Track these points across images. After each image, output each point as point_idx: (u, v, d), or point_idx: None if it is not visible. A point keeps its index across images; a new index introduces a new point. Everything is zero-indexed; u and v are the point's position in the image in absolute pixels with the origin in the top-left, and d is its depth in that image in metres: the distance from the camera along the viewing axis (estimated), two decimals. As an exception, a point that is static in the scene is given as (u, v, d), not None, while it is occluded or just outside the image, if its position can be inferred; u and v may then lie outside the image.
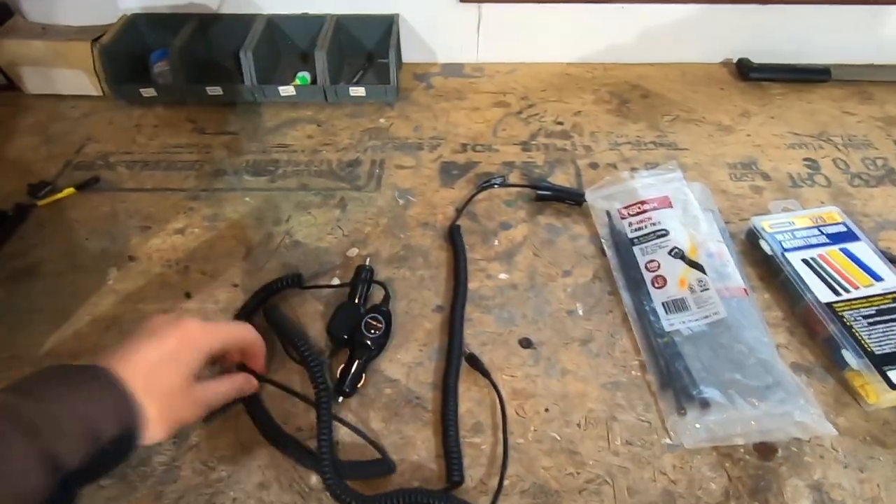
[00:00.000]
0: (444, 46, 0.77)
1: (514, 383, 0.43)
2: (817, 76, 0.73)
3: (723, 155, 0.63)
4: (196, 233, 0.55)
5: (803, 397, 0.40)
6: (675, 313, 0.45)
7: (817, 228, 0.51)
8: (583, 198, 0.56)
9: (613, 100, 0.72)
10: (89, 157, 0.63)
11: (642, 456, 0.39)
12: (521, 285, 0.50)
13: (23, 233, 0.54)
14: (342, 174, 0.61)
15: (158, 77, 0.70)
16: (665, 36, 0.76)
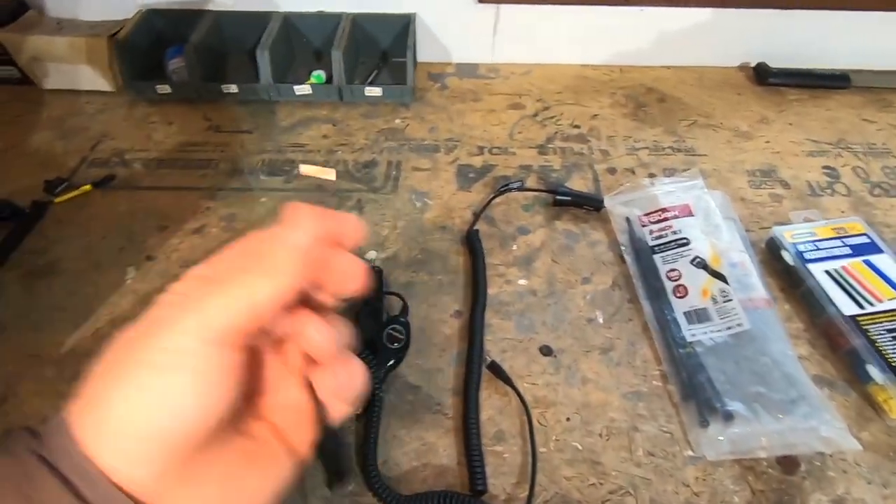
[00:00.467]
0: (460, 46, 0.76)
1: (535, 391, 0.43)
2: (837, 82, 0.72)
3: (742, 162, 0.63)
4: (213, 233, 0.54)
5: (828, 412, 0.39)
6: (696, 324, 0.45)
7: (840, 239, 0.50)
8: (602, 204, 0.55)
9: (630, 103, 0.71)
10: (105, 153, 0.63)
11: (665, 467, 0.39)
12: (540, 291, 0.50)
13: (41, 229, 0.54)
14: (358, 175, 0.61)
15: (173, 74, 0.70)
16: (682, 39, 0.75)
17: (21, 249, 0.52)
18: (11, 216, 0.54)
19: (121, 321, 0.47)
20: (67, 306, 0.48)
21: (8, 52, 0.68)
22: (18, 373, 0.43)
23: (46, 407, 0.41)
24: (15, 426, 0.20)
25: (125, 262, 0.52)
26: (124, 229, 0.55)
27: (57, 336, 0.46)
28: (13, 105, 0.69)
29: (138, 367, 0.19)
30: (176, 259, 0.52)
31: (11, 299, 0.48)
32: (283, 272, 0.19)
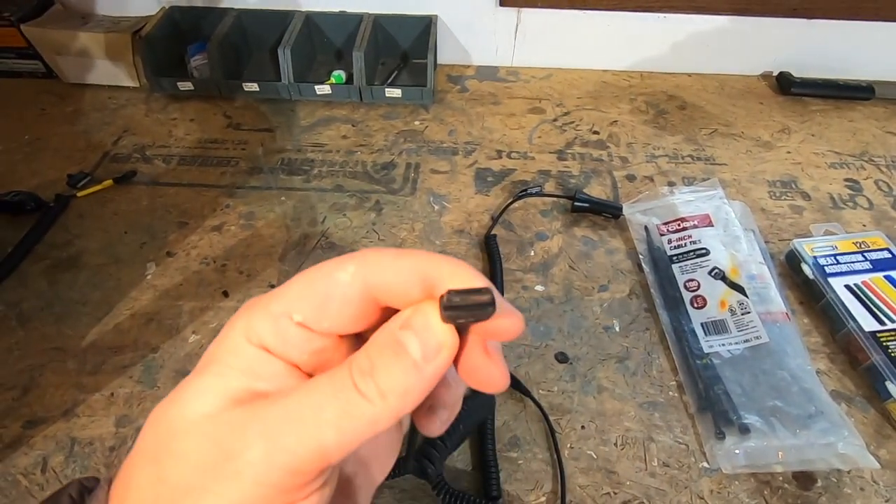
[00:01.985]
0: (480, 49, 0.76)
1: (551, 398, 0.43)
2: (860, 94, 0.72)
3: (762, 172, 0.62)
4: (233, 230, 0.55)
5: (846, 428, 0.39)
6: (714, 335, 0.45)
7: (861, 254, 0.50)
8: (620, 211, 0.55)
9: (650, 110, 0.71)
10: (126, 149, 0.64)
11: (679, 479, 0.39)
12: (557, 298, 0.50)
13: (64, 223, 0.55)
14: (377, 176, 0.61)
15: (195, 71, 0.70)
16: (704, 46, 0.75)
17: (45, 242, 0.53)
18: (36, 209, 0.55)
19: (141, 316, 0.48)
20: (89, 300, 0.49)
21: (33, 46, 0.69)
22: (41, 364, 0.44)
23: (67, 399, 0.42)
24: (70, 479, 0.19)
25: (145, 257, 0.52)
26: (145, 225, 0.55)
27: (79, 329, 0.46)
28: (38, 98, 0.70)
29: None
30: (195, 256, 0.52)
31: (35, 291, 0.49)
32: (393, 397, 0.14)
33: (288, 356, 0.16)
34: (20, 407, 0.42)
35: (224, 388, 0.15)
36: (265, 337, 0.15)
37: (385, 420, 0.14)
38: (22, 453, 0.39)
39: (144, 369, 0.44)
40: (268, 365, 0.16)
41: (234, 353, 0.16)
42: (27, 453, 0.39)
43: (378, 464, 0.19)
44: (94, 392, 0.43)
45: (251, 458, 0.14)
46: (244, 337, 0.16)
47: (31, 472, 0.38)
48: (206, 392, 0.15)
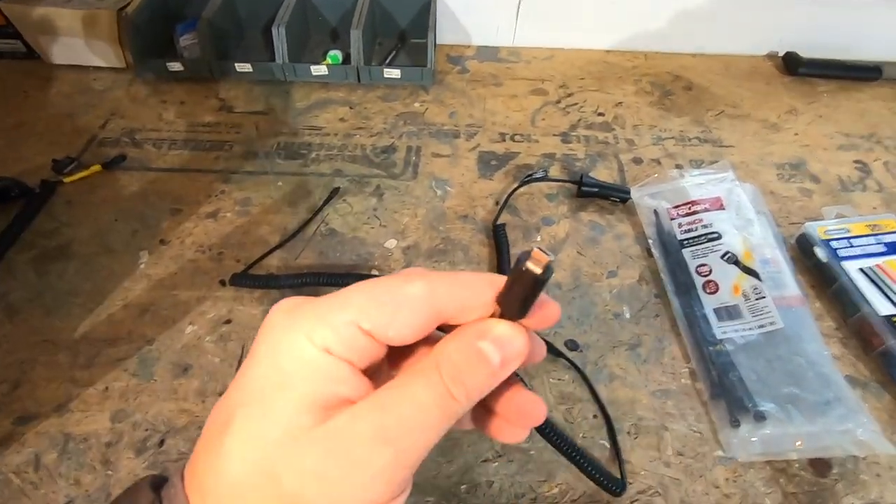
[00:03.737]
0: (481, 29, 0.74)
1: (562, 387, 0.42)
2: (868, 74, 0.70)
3: (770, 154, 0.61)
4: (228, 217, 0.53)
5: (864, 414, 0.39)
6: (727, 321, 0.44)
7: (874, 237, 0.49)
8: (628, 195, 0.54)
9: (655, 91, 0.69)
10: (114, 132, 0.61)
11: (694, 468, 0.38)
12: (565, 285, 0.49)
13: (50, 210, 0.53)
14: (377, 161, 0.59)
15: (185, 50, 0.67)
16: (709, 26, 0.73)
17: (31, 231, 0.51)
18: (21, 195, 0.52)
19: (135, 307, 0.46)
20: (80, 290, 0.46)
21: (12, 24, 0.65)
22: (31, 358, 0.42)
23: (59, 393, 0.40)
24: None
25: (138, 245, 0.50)
26: (136, 212, 0.53)
27: (70, 321, 0.44)
28: (19, 80, 0.67)
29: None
30: (190, 244, 0.50)
31: (23, 282, 0.47)
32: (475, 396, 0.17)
33: (350, 358, 0.17)
34: (10, 403, 0.40)
35: (314, 399, 0.16)
36: (330, 343, 0.16)
37: (463, 414, 0.17)
38: (14, 451, 0.38)
39: (140, 362, 0.42)
40: (338, 369, 0.17)
41: (308, 362, 0.16)
42: (19, 451, 0.38)
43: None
44: (87, 386, 0.41)
45: (383, 464, 0.15)
46: (311, 345, 0.16)
47: (24, 471, 0.37)
48: (299, 405, 0.16)
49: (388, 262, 0.49)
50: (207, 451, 0.16)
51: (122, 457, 0.37)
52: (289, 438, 0.15)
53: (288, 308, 0.17)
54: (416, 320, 0.17)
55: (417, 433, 0.16)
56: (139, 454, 0.38)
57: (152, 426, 0.39)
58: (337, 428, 0.15)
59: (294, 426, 0.15)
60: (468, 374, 0.17)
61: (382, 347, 0.18)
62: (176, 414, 0.40)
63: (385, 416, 0.16)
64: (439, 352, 0.17)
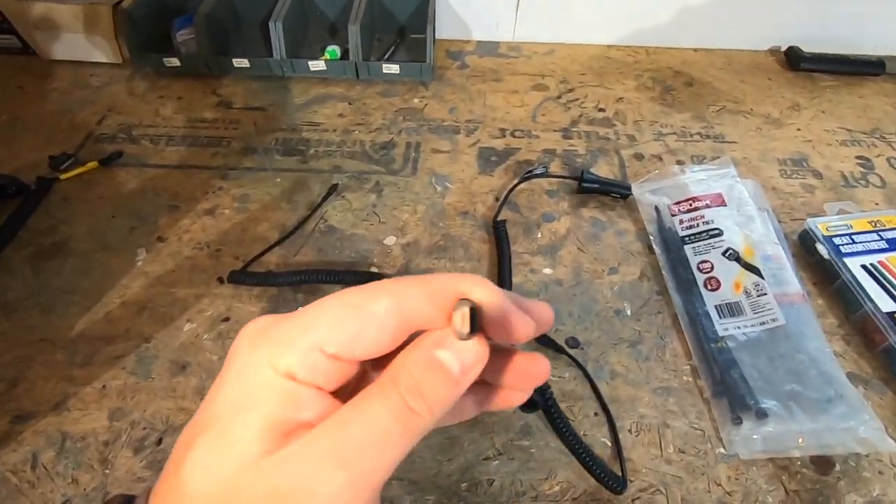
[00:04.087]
0: (480, 23, 0.73)
1: (563, 385, 0.42)
2: (871, 69, 0.70)
3: (772, 150, 0.61)
4: (227, 214, 0.52)
5: (867, 412, 0.38)
6: (729, 318, 0.44)
7: (876, 233, 0.49)
8: (629, 191, 0.53)
9: (657, 87, 0.69)
10: (111, 129, 0.60)
11: (696, 465, 0.38)
12: (566, 281, 0.48)
13: (47, 207, 0.52)
14: (376, 157, 0.58)
15: (182, 46, 0.67)
16: (710, 20, 0.72)
17: (27, 228, 0.50)
18: (17, 193, 0.52)
19: (132, 305, 0.45)
20: (77, 288, 0.46)
21: (7, 19, 0.65)
22: (28, 357, 0.42)
23: (57, 392, 0.40)
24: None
25: (135, 242, 0.50)
26: (133, 209, 0.53)
27: (67, 319, 0.44)
28: (15, 76, 0.66)
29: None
30: (188, 241, 0.50)
31: (19, 280, 0.46)
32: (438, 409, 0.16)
33: (315, 383, 0.16)
34: (7, 401, 0.40)
35: (271, 425, 0.15)
36: (295, 369, 0.16)
37: (431, 427, 0.16)
38: (11, 449, 0.37)
39: (138, 360, 0.42)
40: (301, 394, 0.16)
41: (268, 387, 0.16)
42: (16, 449, 0.37)
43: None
44: (85, 384, 0.41)
45: (336, 489, 0.15)
46: (273, 371, 0.16)
47: (21, 469, 0.36)
48: (256, 432, 0.15)
49: (388, 259, 0.49)
50: (169, 476, 0.16)
51: (121, 455, 0.37)
52: (245, 465, 0.15)
53: (255, 330, 0.17)
54: (383, 337, 0.17)
55: (376, 453, 0.15)
56: (137, 453, 0.37)
57: (150, 425, 0.39)
58: (291, 453, 0.15)
59: (251, 452, 0.15)
60: (428, 386, 0.16)
61: (355, 365, 0.17)
62: (174, 412, 0.39)
63: (340, 436, 0.15)
64: (397, 365, 0.16)
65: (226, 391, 0.16)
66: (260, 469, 0.15)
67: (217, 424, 0.16)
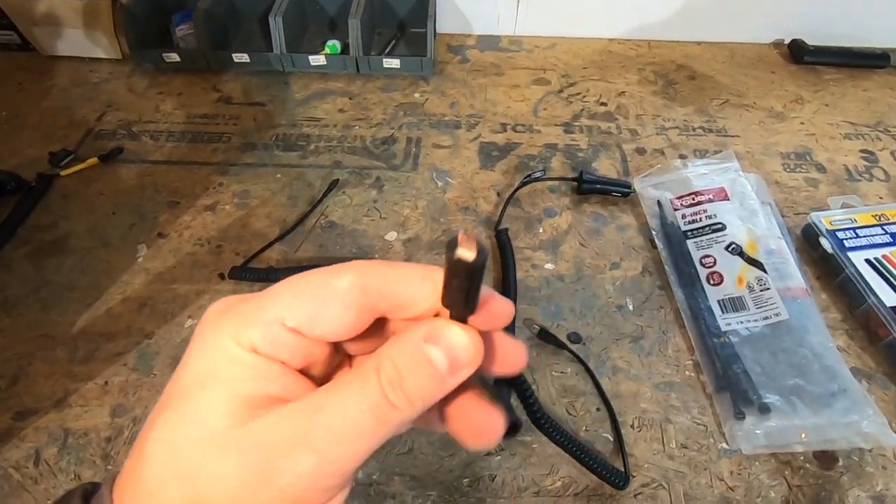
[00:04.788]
0: (481, 17, 0.73)
1: (564, 380, 0.42)
2: (875, 62, 0.69)
3: (775, 144, 0.60)
4: (227, 210, 0.52)
5: (870, 406, 0.38)
6: (731, 312, 0.44)
7: (881, 227, 0.48)
8: (630, 189, 0.53)
9: (659, 80, 0.68)
10: (111, 125, 0.60)
11: (698, 460, 0.38)
12: (567, 277, 0.48)
13: (47, 204, 0.52)
14: (377, 152, 0.58)
15: (181, 41, 0.67)
16: (713, 13, 0.72)
17: (27, 225, 0.50)
18: (17, 189, 0.52)
19: (133, 301, 0.45)
20: (77, 285, 0.46)
21: (7, 15, 0.64)
22: (29, 353, 0.42)
23: (58, 388, 0.40)
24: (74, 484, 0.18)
25: (136, 239, 0.50)
26: (134, 205, 0.52)
27: (67, 315, 0.44)
28: (14, 72, 0.66)
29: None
30: (188, 237, 0.50)
31: (20, 277, 0.46)
32: (420, 403, 0.15)
33: (278, 357, 0.16)
34: (9, 398, 0.40)
35: (238, 398, 0.15)
36: (257, 342, 0.16)
37: (410, 421, 0.16)
38: (13, 446, 0.37)
39: (139, 356, 0.42)
40: (266, 368, 0.16)
41: (233, 361, 0.15)
42: (18, 446, 0.37)
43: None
44: (86, 381, 0.41)
45: (302, 471, 0.14)
46: (236, 345, 0.16)
47: (24, 466, 0.37)
48: (221, 404, 0.15)
49: (389, 255, 0.49)
50: (134, 455, 0.15)
51: (123, 452, 0.37)
52: (207, 440, 0.14)
53: (219, 309, 0.17)
54: (346, 315, 0.16)
55: (347, 440, 0.14)
56: (139, 449, 0.37)
57: (152, 421, 0.39)
58: (257, 430, 0.14)
59: (213, 427, 0.14)
60: (410, 380, 0.15)
61: (322, 345, 0.17)
62: (176, 408, 0.39)
63: (312, 419, 0.14)
64: (382, 352, 0.16)
65: (189, 367, 0.16)
66: (225, 441, 0.14)
67: (180, 400, 0.15)
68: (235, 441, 0.14)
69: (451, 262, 0.14)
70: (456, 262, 0.14)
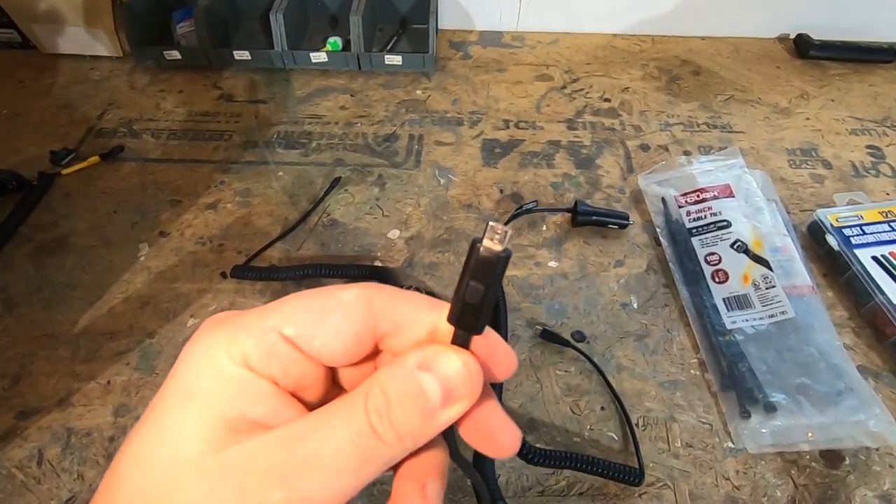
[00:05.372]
0: (483, 13, 0.72)
1: (568, 379, 0.41)
2: (881, 57, 0.69)
3: (781, 140, 0.60)
4: (229, 208, 0.52)
5: (877, 405, 0.38)
6: (737, 310, 0.43)
7: (888, 223, 0.48)
8: (629, 221, 0.50)
9: (663, 76, 0.68)
10: (112, 123, 0.60)
11: (704, 460, 0.38)
12: (571, 275, 0.48)
13: (48, 203, 0.52)
14: (379, 149, 0.58)
15: (182, 39, 0.66)
16: (717, 8, 0.71)
17: (29, 224, 0.50)
18: (18, 188, 0.52)
19: (135, 300, 0.45)
20: (79, 284, 0.46)
21: (7, 13, 0.64)
22: (31, 352, 0.42)
23: (61, 388, 0.40)
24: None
25: (137, 237, 0.50)
26: (135, 203, 0.52)
27: (70, 314, 0.44)
28: (15, 70, 0.66)
29: None
30: (190, 235, 0.50)
31: (22, 276, 0.46)
32: (410, 440, 0.14)
33: (270, 373, 0.15)
34: (12, 397, 0.40)
35: (217, 420, 0.14)
36: (250, 353, 0.14)
37: (399, 458, 0.14)
38: (16, 445, 0.37)
39: (141, 355, 0.42)
40: (255, 386, 0.14)
41: (218, 377, 0.14)
42: (21, 445, 0.37)
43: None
44: (89, 380, 0.40)
45: (267, 498, 0.13)
46: (227, 357, 0.14)
47: (27, 466, 0.36)
48: (199, 425, 0.14)
49: (391, 253, 0.49)
50: (107, 475, 0.14)
51: (125, 451, 0.37)
52: (180, 465, 0.13)
53: (215, 319, 0.15)
54: (347, 328, 0.15)
55: (325, 477, 0.13)
56: (142, 448, 0.37)
57: (155, 420, 0.39)
58: (233, 458, 0.13)
59: (189, 451, 0.13)
60: (400, 412, 0.14)
61: (317, 366, 0.15)
62: (178, 408, 0.39)
63: (289, 450, 0.13)
64: (372, 378, 0.14)
65: (174, 380, 0.15)
66: (199, 468, 0.13)
67: (158, 416, 0.14)
68: (209, 469, 0.13)
69: (474, 254, 0.13)
70: (479, 253, 0.13)
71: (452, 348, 0.15)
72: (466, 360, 0.14)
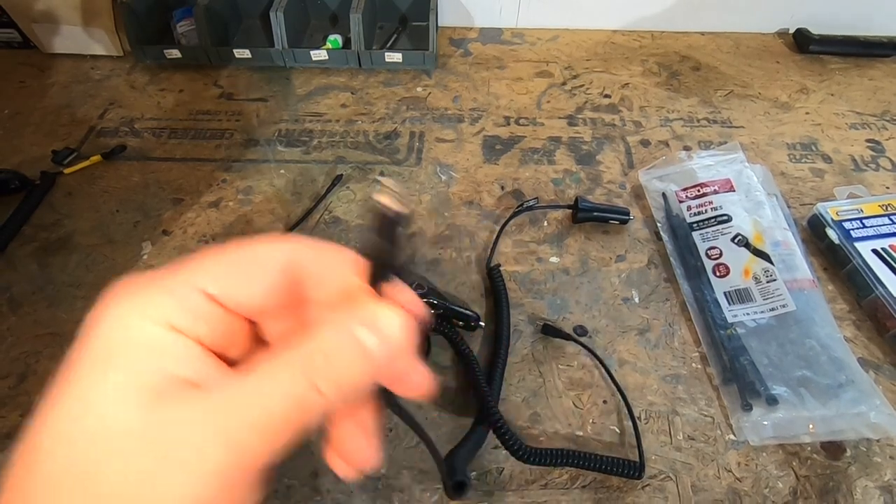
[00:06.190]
0: (483, 10, 0.72)
1: (571, 373, 0.42)
2: (881, 51, 0.69)
3: (781, 134, 0.60)
4: (231, 206, 0.52)
5: (878, 397, 0.38)
6: (738, 304, 0.43)
7: (888, 217, 0.48)
8: (629, 217, 0.50)
9: (663, 72, 0.68)
10: (113, 122, 0.60)
11: (706, 452, 0.38)
12: (573, 270, 0.48)
13: (51, 202, 0.52)
14: (380, 147, 0.58)
15: (182, 37, 0.66)
16: (717, 3, 0.71)
17: (32, 223, 0.50)
18: (21, 188, 0.52)
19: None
20: (82, 283, 0.46)
21: (7, 13, 0.64)
22: (36, 351, 0.42)
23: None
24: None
25: (140, 236, 0.50)
26: (137, 202, 0.52)
27: (73, 313, 0.44)
28: (16, 70, 0.66)
29: None
30: (192, 234, 0.50)
31: (25, 275, 0.47)
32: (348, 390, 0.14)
33: (196, 334, 0.14)
34: (17, 395, 0.40)
35: (143, 384, 0.13)
36: (173, 316, 0.14)
37: (336, 408, 0.15)
38: (22, 443, 0.38)
39: (146, 353, 0.42)
40: (179, 347, 0.14)
41: (138, 341, 0.14)
42: (28, 443, 0.37)
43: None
44: (94, 378, 0.41)
45: (213, 467, 0.12)
46: (146, 320, 0.14)
47: (33, 463, 0.37)
48: (124, 392, 0.13)
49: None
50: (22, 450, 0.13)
51: (131, 448, 0.37)
52: (109, 435, 0.13)
53: (121, 283, 0.14)
54: (270, 279, 0.15)
55: (264, 431, 0.13)
56: (148, 445, 0.37)
57: (160, 417, 0.39)
58: (164, 420, 0.13)
59: (115, 417, 0.13)
60: (340, 365, 0.14)
61: (241, 321, 0.15)
62: (183, 405, 0.39)
63: (232, 413, 0.13)
64: (307, 334, 0.14)
65: (87, 349, 0.14)
66: (130, 434, 0.13)
67: (75, 386, 0.13)
68: (142, 436, 0.13)
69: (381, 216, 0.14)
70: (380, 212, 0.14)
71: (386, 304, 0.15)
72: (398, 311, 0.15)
